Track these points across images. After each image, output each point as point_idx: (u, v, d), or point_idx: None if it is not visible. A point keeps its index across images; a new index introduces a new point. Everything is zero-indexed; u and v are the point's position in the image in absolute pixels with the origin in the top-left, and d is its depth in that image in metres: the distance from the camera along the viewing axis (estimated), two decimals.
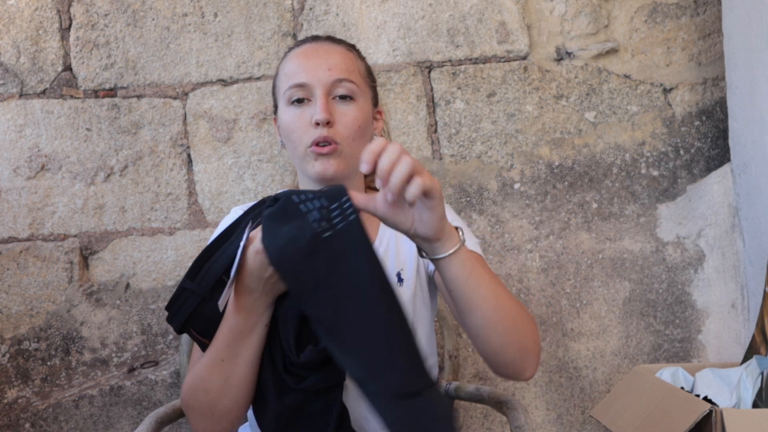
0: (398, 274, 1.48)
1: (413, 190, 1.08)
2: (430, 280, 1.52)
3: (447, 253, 1.15)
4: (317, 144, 1.40)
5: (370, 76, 1.52)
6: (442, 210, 1.12)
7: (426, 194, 1.09)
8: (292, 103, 1.43)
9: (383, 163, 1.08)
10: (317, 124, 1.39)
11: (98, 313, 1.96)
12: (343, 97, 1.42)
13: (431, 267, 1.46)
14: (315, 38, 1.51)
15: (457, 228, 1.18)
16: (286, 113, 1.44)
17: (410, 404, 1.09)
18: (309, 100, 1.42)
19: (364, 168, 1.09)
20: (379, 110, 1.53)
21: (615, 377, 2.02)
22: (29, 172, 1.95)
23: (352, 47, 1.52)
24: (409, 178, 1.08)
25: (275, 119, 1.52)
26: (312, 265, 1.11)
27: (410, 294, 1.47)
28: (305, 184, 1.48)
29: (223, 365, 1.24)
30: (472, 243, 1.42)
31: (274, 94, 1.51)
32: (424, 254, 1.19)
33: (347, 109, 1.42)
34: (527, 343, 1.23)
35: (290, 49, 1.51)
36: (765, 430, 1.45)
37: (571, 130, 2.04)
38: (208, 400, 1.26)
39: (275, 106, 1.51)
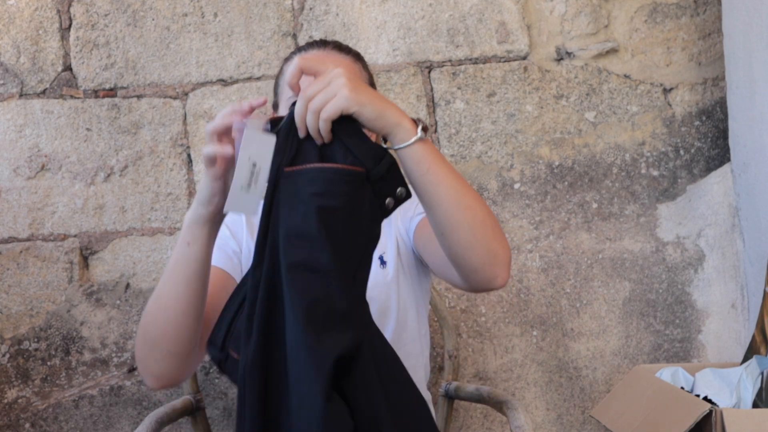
0: (381, 258, 1.50)
1: (322, 127, 1.09)
2: (418, 263, 1.53)
3: (398, 146, 1.14)
4: None
5: (372, 87, 1.50)
6: (371, 113, 1.11)
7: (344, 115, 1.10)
8: None
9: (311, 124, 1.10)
10: None
11: (98, 313, 1.96)
12: None
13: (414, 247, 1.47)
14: (323, 44, 1.48)
15: (418, 122, 1.15)
16: None
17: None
18: None
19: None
20: None
21: (615, 377, 2.02)
22: (29, 172, 1.95)
23: (358, 57, 1.50)
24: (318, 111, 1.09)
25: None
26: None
27: (392, 276, 1.48)
28: None
29: (160, 297, 1.22)
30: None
31: (276, 92, 1.49)
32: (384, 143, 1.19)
33: None
34: (495, 246, 1.19)
35: (297, 50, 1.49)
36: (765, 430, 1.45)
37: (571, 130, 2.04)
38: (143, 333, 1.23)
39: (275, 104, 1.49)
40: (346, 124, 1.10)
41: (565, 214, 2.03)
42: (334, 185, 1.08)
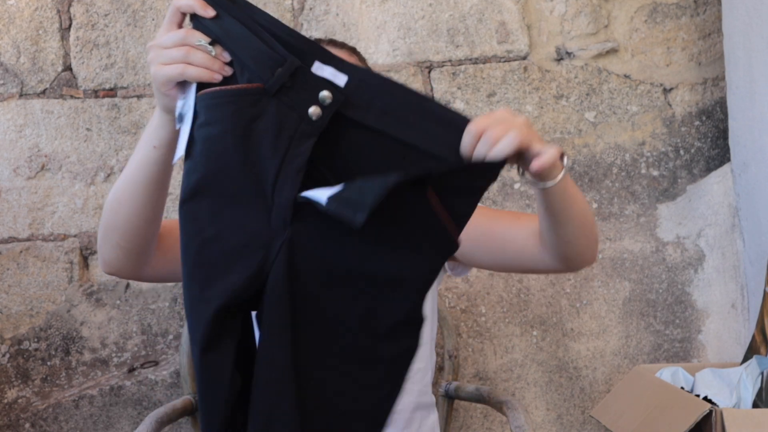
0: None
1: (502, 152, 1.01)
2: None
3: (549, 184, 1.11)
4: None
5: None
6: (549, 165, 1.06)
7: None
8: None
9: (479, 153, 1.01)
10: None
11: (98, 313, 1.96)
12: None
13: None
14: (317, 41, 1.50)
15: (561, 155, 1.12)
16: None
17: None
18: None
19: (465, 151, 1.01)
20: None
21: (615, 377, 2.02)
22: (29, 172, 1.95)
23: (353, 51, 1.50)
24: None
25: None
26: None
27: None
28: None
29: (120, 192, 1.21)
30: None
31: None
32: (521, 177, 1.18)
33: None
34: (597, 235, 1.31)
35: None
36: (765, 430, 1.45)
37: (571, 130, 2.04)
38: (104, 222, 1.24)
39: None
40: (242, 38, 1.00)
41: None
42: (214, 111, 0.99)
